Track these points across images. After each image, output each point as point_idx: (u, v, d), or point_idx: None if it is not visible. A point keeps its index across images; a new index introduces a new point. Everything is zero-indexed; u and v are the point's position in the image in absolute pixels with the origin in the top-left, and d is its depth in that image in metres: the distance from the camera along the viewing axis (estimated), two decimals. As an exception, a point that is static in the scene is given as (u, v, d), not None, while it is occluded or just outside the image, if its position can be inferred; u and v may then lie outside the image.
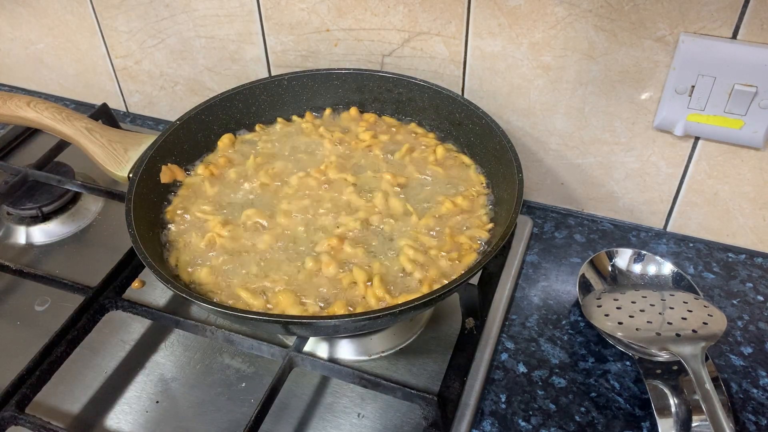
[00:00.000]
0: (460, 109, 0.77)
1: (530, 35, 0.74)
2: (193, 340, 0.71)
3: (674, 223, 0.82)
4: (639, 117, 0.75)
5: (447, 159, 0.76)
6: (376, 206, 0.70)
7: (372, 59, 0.85)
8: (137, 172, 0.71)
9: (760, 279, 0.78)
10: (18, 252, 0.83)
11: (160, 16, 0.92)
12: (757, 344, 0.71)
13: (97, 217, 0.87)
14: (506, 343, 0.71)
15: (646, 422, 0.64)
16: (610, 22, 0.70)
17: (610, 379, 0.68)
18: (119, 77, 1.03)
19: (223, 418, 0.65)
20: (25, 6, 1.00)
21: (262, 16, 0.86)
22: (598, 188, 0.83)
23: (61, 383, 0.67)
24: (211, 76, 0.96)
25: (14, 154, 0.97)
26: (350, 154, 0.77)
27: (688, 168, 0.77)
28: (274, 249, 0.67)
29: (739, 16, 0.65)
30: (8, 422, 0.61)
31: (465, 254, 0.65)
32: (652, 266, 0.75)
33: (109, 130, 0.78)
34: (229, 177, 0.75)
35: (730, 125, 0.71)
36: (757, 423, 0.64)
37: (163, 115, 1.05)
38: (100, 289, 0.70)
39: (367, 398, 0.66)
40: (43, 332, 0.68)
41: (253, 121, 0.82)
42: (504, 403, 0.66)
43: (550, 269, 0.80)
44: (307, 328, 0.59)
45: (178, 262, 0.67)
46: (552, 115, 0.79)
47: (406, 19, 0.79)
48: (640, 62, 0.72)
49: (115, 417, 0.65)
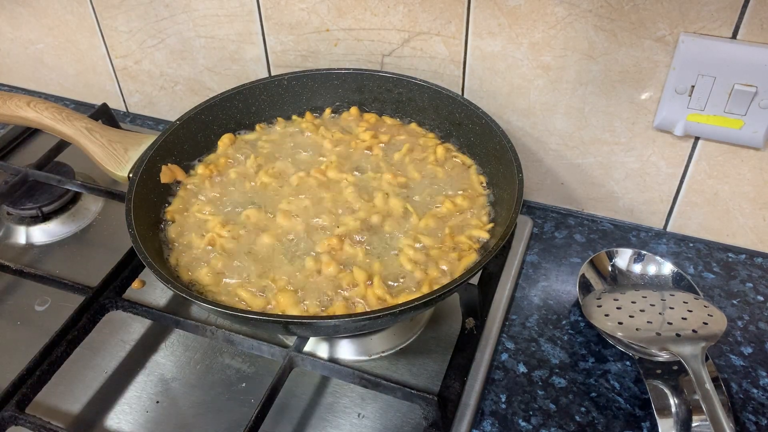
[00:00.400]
0: (460, 109, 0.77)
1: (530, 35, 0.74)
2: (194, 340, 0.71)
3: (674, 223, 0.83)
4: (639, 117, 0.75)
5: (447, 159, 0.76)
6: (376, 206, 0.70)
7: (372, 59, 0.85)
8: (137, 172, 0.71)
9: (760, 279, 0.78)
10: (18, 252, 0.83)
11: (160, 16, 0.92)
12: (757, 344, 0.71)
13: (97, 217, 0.87)
14: (506, 343, 0.71)
15: (646, 422, 0.64)
16: (610, 22, 0.70)
17: (610, 379, 0.68)
18: (119, 77, 1.03)
19: (223, 418, 0.65)
20: (25, 6, 1.00)
21: (262, 16, 0.86)
22: (598, 188, 0.83)
23: (61, 383, 0.67)
24: (211, 76, 0.96)
25: (14, 154, 0.97)
26: (350, 154, 0.77)
27: (688, 168, 0.77)
28: (275, 249, 0.67)
29: (739, 16, 0.65)
30: (8, 422, 0.61)
31: (465, 254, 0.65)
32: (652, 266, 0.75)
33: (109, 130, 0.78)
34: (230, 177, 0.75)
35: (730, 125, 0.71)
36: (757, 423, 0.64)
37: (163, 115, 1.05)
38: (100, 289, 0.70)
39: (367, 398, 0.66)
40: (43, 332, 0.68)
41: (253, 121, 0.82)
42: (504, 403, 0.66)
43: (550, 269, 0.80)
44: (307, 328, 0.59)
45: (178, 262, 0.67)
46: (552, 115, 0.79)
47: (406, 19, 0.79)
48: (640, 62, 0.72)
49: (115, 417, 0.65)
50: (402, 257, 0.65)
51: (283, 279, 0.64)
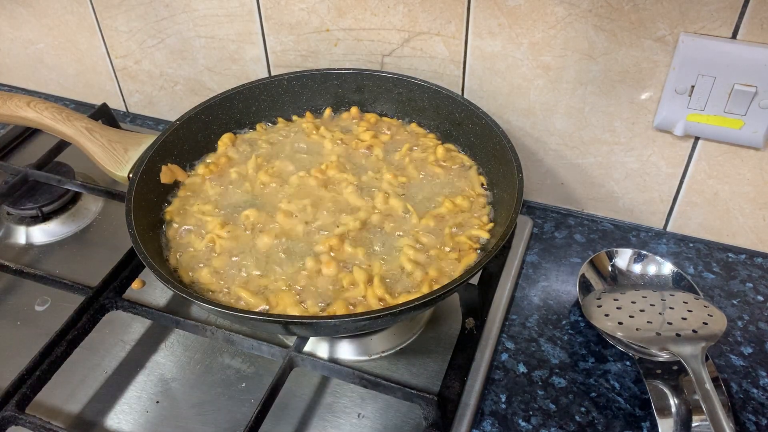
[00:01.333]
0: (460, 109, 0.77)
1: (530, 35, 0.74)
2: (194, 340, 0.71)
3: (674, 223, 0.83)
4: (639, 117, 0.75)
5: (447, 159, 0.76)
6: (376, 206, 0.70)
7: (372, 59, 0.85)
8: (137, 172, 0.71)
9: (760, 279, 0.78)
10: (18, 252, 0.83)
11: (160, 16, 0.92)
12: (757, 344, 0.71)
13: (97, 217, 0.87)
14: (506, 343, 0.71)
15: (646, 422, 0.64)
16: (610, 22, 0.70)
17: (610, 379, 0.68)
18: (119, 77, 1.03)
19: (223, 418, 0.65)
20: (25, 6, 1.00)
21: (262, 16, 0.86)
22: (598, 188, 0.83)
23: (61, 383, 0.67)
24: (211, 76, 0.96)
25: (14, 154, 0.97)
26: (350, 154, 0.77)
27: (688, 168, 0.77)
28: (275, 249, 0.67)
29: (738, 16, 0.65)
30: (8, 422, 0.61)
31: (465, 254, 0.65)
32: (652, 266, 0.75)
33: (109, 130, 0.78)
34: (230, 177, 0.75)
35: (730, 125, 0.71)
36: (757, 423, 0.64)
37: (163, 115, 1.05)
38: (100, 289, 0.70)
39: (367, 398, 0.66)
40: (43, 332, 0.68)
41: (253, 121, 0.82)
42: (504, 403, 0.66)
43: (550, 269, 0.80)
44: (308, 328, 0.59)
45: (178, 262, 0.67)
46: (552, 115, 0.79)
47: (405, 19, 0.79)
48: (640, 62, 0.72)
49: (115, 417, 0.65)
50: (402, 257, 0.65)
51: (283, 279, 0.64)
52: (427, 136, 0.80)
